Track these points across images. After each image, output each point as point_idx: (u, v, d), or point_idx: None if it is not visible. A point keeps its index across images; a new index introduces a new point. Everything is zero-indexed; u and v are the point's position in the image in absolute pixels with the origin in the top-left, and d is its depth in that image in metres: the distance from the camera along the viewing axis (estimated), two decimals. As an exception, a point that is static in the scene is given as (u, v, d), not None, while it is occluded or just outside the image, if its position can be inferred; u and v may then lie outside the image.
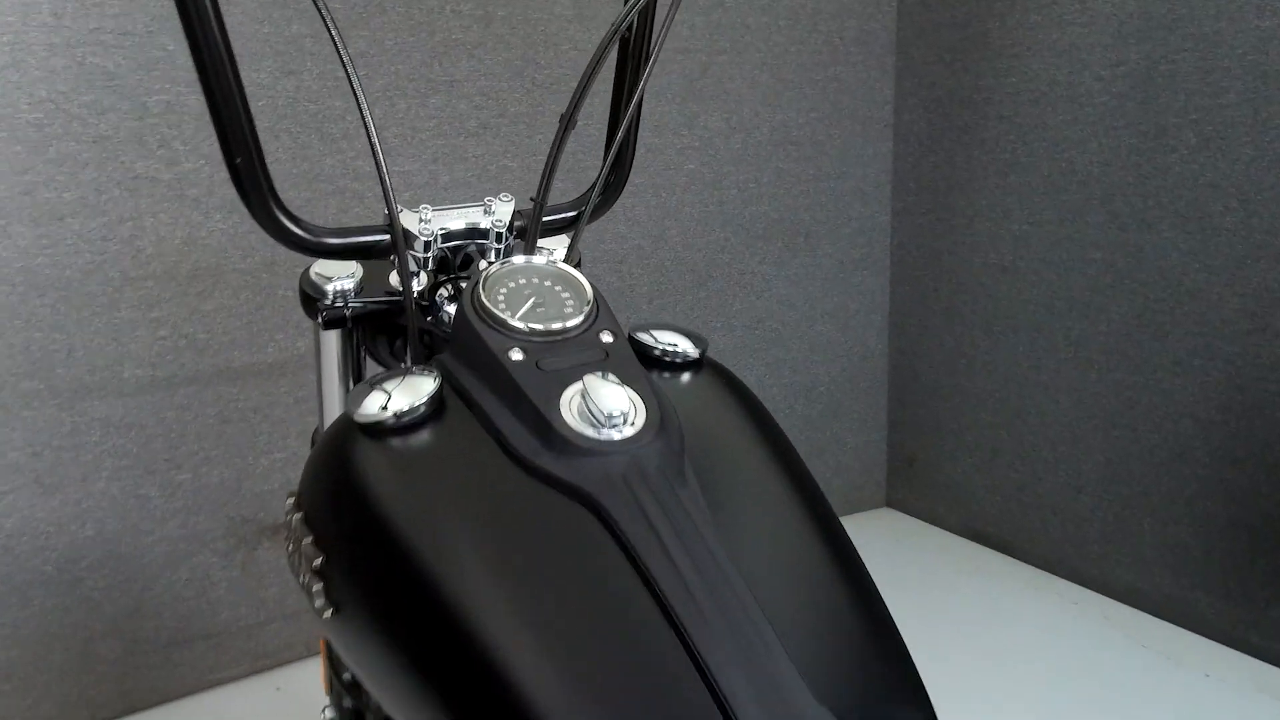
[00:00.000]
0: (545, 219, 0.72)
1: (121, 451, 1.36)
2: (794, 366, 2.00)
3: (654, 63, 0.69)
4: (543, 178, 0.69)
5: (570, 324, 0.57)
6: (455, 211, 0.69)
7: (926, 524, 2.09)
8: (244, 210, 0.63)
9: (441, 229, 0.67)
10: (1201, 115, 1.46)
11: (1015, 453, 1.85)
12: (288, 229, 0.63)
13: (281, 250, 0.69)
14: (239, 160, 0.60)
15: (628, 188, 0.82)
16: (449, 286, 0.69)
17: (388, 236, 0.66)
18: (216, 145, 0.61)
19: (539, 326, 0.56)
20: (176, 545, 1.42)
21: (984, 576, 1.86)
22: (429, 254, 0.67)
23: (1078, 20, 1.60)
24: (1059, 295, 1.71)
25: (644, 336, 0.62)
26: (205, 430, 1.41)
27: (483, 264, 0.68)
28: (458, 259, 0.71)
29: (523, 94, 1.58)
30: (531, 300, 0.58)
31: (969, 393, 1.92)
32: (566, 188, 0.79)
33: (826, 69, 1.90)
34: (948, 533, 2.04)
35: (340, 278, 0.68)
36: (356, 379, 0.74)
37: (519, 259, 0.62)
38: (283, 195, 0.64)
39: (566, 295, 0.60)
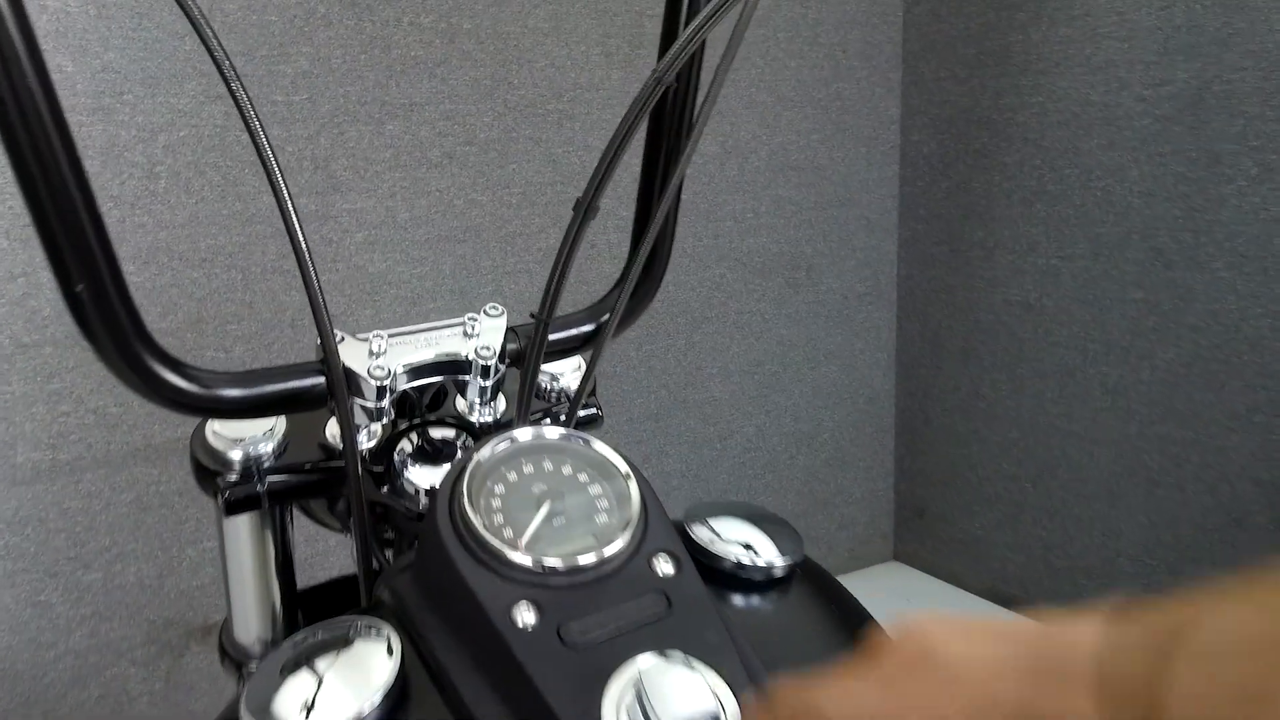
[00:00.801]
0: (552, 336, 0.51)
1: (16, 551, 1.14)
2: (795, 414, 1.81)
3: (699, 135, 0.48)
4: (549, 285, 0.49)
5: (609, 551, 0.36)
6: (423, 336, 0.49)
7: (940, 581, 1.92)
8: (163, 262, 0.41)
9: (403, 365, 0.47)
10: (1264, 142, 1.29)
11: (1043, 508, 1.67)
12: (166, 382, 0.42)
13: (211, 306, 0.49)
14: (79, 289, 0.39)
15: (610, 217, 0.61)
16: (413, 438, 0.49)
17: (320, 380, 0.45)
18: (124, 183, 0.40)
19: (559, 563, 0.36)
20: (85, 658, 1.19)
21: (1010, 645, 1.68)
22: (384, 403, 0.46)
23: (1115, 34, 1.43)
24: (1093, 337, 1.54)
25: (702, 533, 0.42)
26: (119, 521, 1.19)
27: (462, 447, 0.48)
28: (426, 397, 0.50)
29: (493, 118, 1.38)
30: (545, 509, 0.38)
31: (988, 441, 1.74)
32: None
33: (828, 85, 1.72)
34: (965, 591, 1.86)
35: (252, 439, 0.47)
36: (281, 567, 0.53)
37: (523, 434, 0.41)
38: (211, 241, 0.43)
39: (596, 491, 0.39)
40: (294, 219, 0.41)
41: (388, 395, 0.46)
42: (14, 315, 1.10)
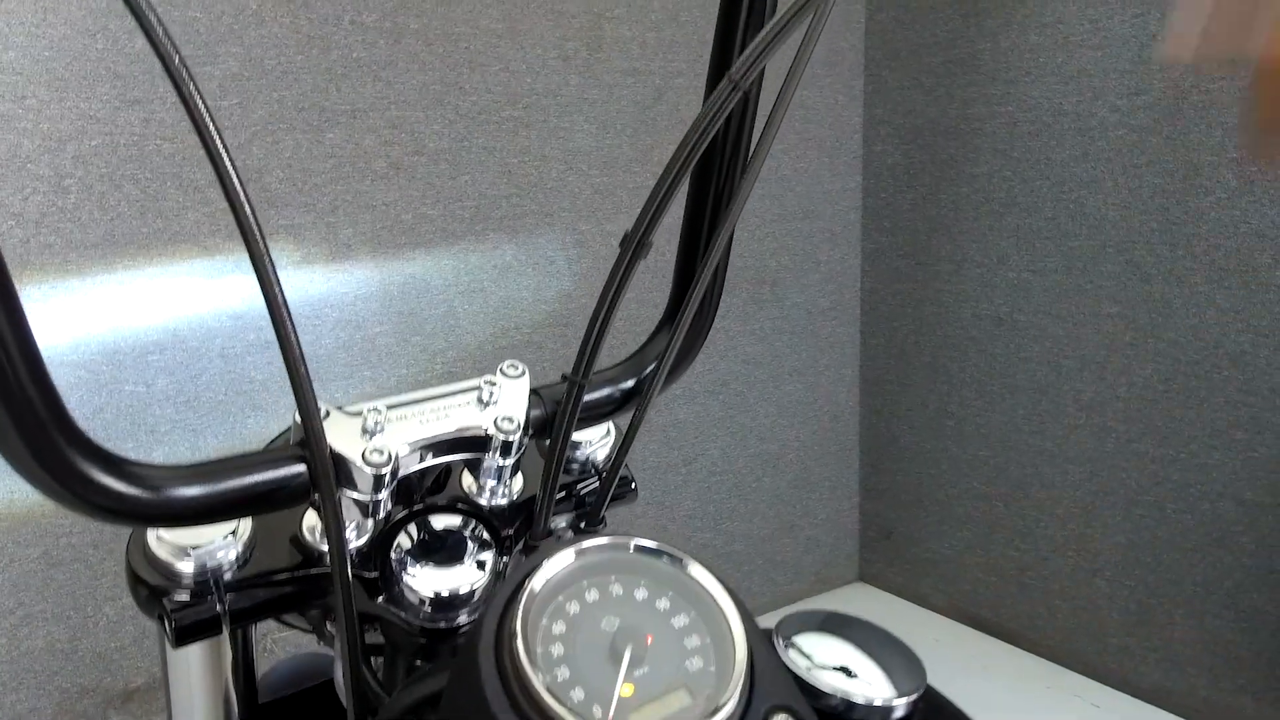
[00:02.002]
0: (585, 399, 0.42)
1: (-100, 619, 0.99)
2: (760, 434, 1.74)
3: (756, 174, 0.40)
4: (587, 340, 0.39)
5: (721, 714, 0.27)
6: (429, 406, 0.39)
7: (908, 602, 1.86)
8: (73, 286, 0.31)
9: (406, 447, 0.37)
10: (1243, 153, 1.27)
11: (1015, 529, 1.63)
12: (101, 487, 0.31)
13: (129, 335, 0.38)
14: None
15: (570, 231, 0.52)
16: (413, 530, 0.39)
17: (301, 470, 0.35)
18: (27, 198, 0.29)
19: None
20: (-13, 736, 1.05)
21: (984, 666, 1.64)
22: (381, 494, 0.36)
23: (1088, 42, 1.39)
24: (1067, 353, 1.50)
25: (797, 658, 0.33)
26: (24, 579, 1.05)
27: (472, 538, 0.38)
28: (429, 479, 0.41)
29: (443, 126, 1.28)
30: (627, 656, 0.28)
31: (958, 459, 1.70)
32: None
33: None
34: (934, 614, 1.81)
35: (208, 545, 0.37)
36: (244, 693, 0.43)
37: (596, 548, 0.31)
38: (129, 261, 0.33)
39: (683, 622, 0.29)
40: (270, 271, 0.31)
41: (385, 486, 0.36)
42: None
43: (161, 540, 0.37)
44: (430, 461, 0.38)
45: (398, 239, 1.26)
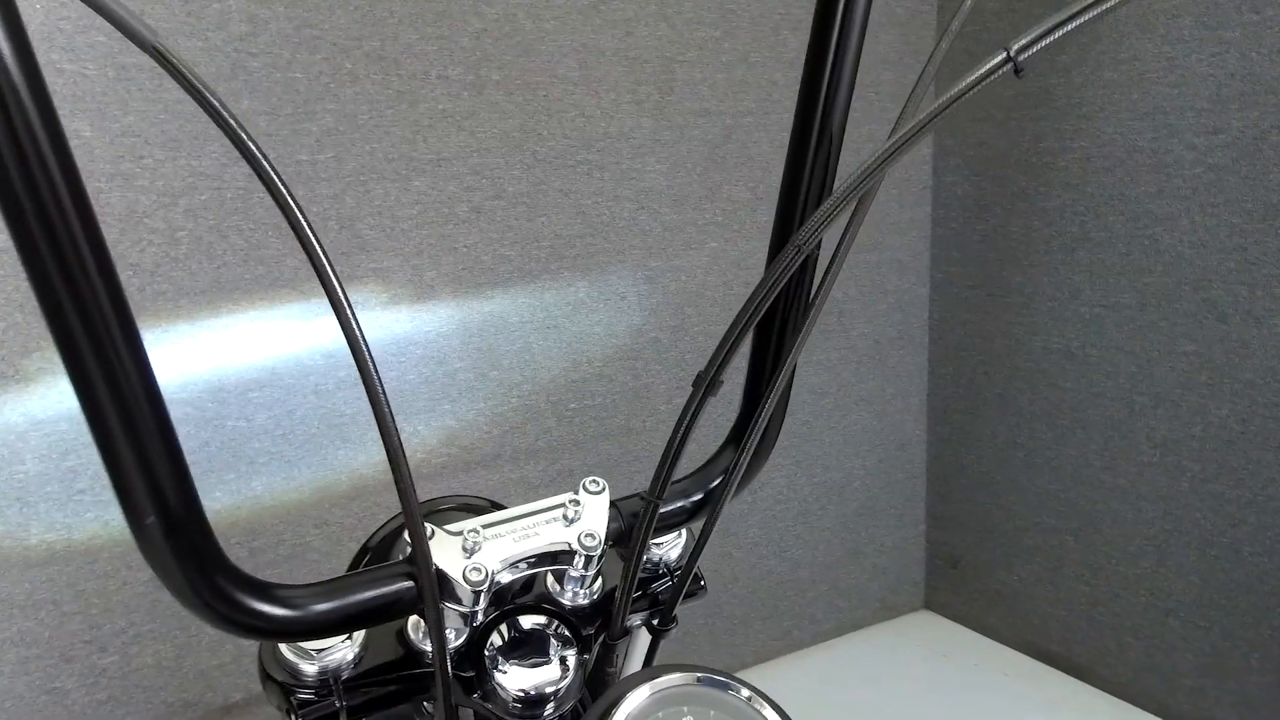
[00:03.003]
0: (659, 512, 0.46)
1: (30, 636, 1.08)
2: (826, 463, 1.76)
3: (817, 316, 0.44)
4: (662, 465, 0.43)
5: None
6: (519, 524, 0.44)
7: (974, 632, 1.86)
8: (182, 330, 0.36)
9: (500, 563, 0.42)
10: (1325, 195, 1.25)
11: (1085, 563, 1.62)
12: (252, 611, 0.38)
13: (232, 374, 0.43)
14: (149, 521, 0.34)
15: (640, 269, 0.57)
16: (503, 630, 0.44)
17: (410, 585, 0.40)
18: (144, 250, 0.34)
19: None
20: (101, 745, 1.14)
21: (1051, 700, 1.63)
22: (478, 606, 0.41)
23: (1164, 80, 1.38)
24: (1140, 390, 1.49)
25: None
26: (135, 601, 1.14)
27: (555, 636, 0.43)
28: (516, 585, 0.45)
29: (522, 171, 1.33)
30: None
31: (1027, 491, 1.69)
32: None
33: (860, 127, 1.67)
34: (1001, 645, 1.81)
35: (329, 650, 0.42)
36: None
37: (673, 681, 0.35)
38: (233, 305, 0.38)
39: None
40: (383, 397, 0.36)
41: (483, 598, 0.41)
42: (29, 391, 1.05)
43: (289, 648, 0.43)
44: (521, 574, 0.43)
45: (478, 279, 1.32)
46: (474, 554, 0.41)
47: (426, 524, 0.40)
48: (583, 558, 0.43)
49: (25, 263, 0.31)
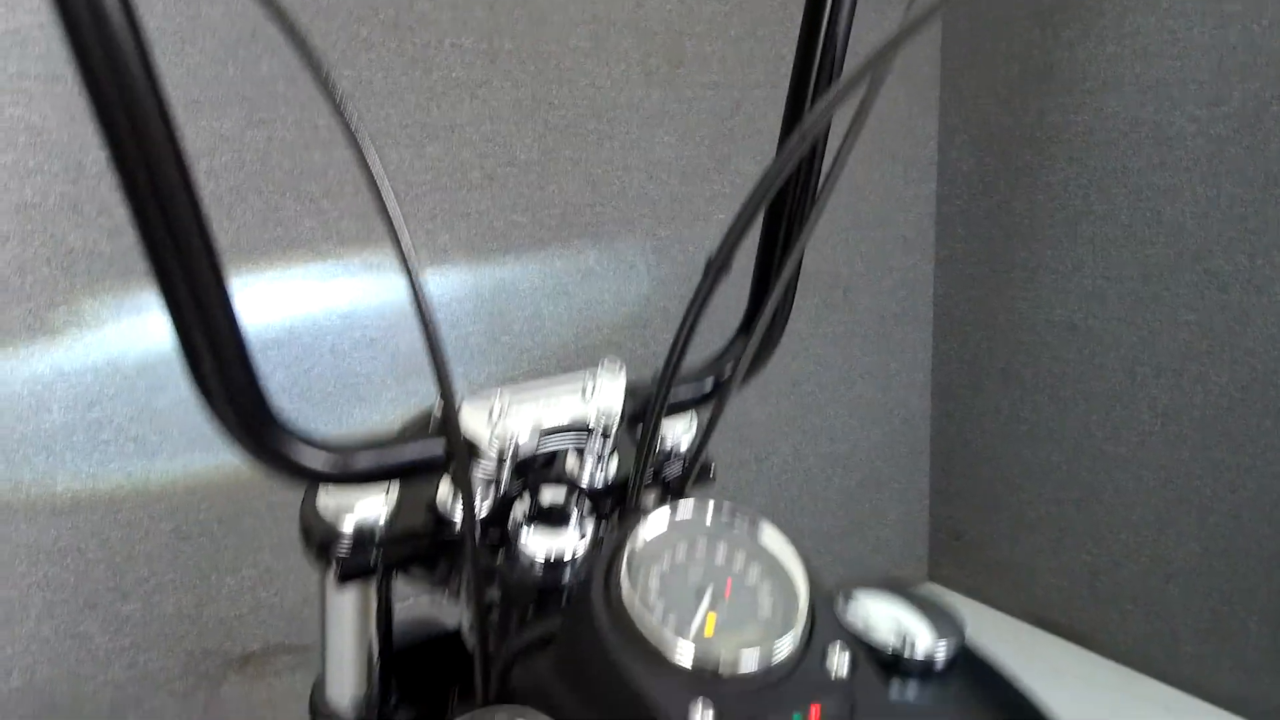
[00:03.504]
0: (671, 396, 0.49)
1: (55, 582, 1.12)
2: (832, 434, 1.78)
3: (824, 205, 0.47)
4: (674, 347, 0.46)
5: (783, 648, 0.33)
6: (542, 394, 0.47)
7: (978, 603, 1.88)
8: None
9: (525, 428, 0.45)
10: (1325, 163, 1.27)
11: (1087, 533, 1.64)
12: (288, 454, 0.41)
13: (250, 338, 0.47)
14: (206, 364, 0.37)
15: (649, 238, 0.59)
16: (526, 502, 0.47)
17: (442, 443, 0.43)
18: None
19: (731, 662, 0.33)
20: (124, 690, 1.17)
21: (1055, 669, 1.65)
22: (504, 470, 0.44)
23: (1167, 53, 1.40)
24: (1143, 360, 1.51)
25: (853, 617, 0.40)
26: (158, 550, 1.17)
27: (576, 509, 0.45)
28: (538, 460, 0.48)
29: (534, 139, 1.36)
30: (707, 599, 0.35)
31: (1030, 464, 1.71)
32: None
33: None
34: (1005, 615, 1.83)
35: (366, 505, 0.46)
36: (383, 637, 0.51)
37: (685, 510, 0.38)
38: (251, 265, 0.41)
39: (757, 576, 0.36)
40: (420, 284, 0.39)
41: (508, 461, 0.44)
42: (56, 343, 1.08)
43: (329, 502, 0.46)
44: (542, 445, 0.46)
45: (490, 245, 1.35)
46: (500, 421, 0.44)
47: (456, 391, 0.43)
48: (600, 429, 0.46)
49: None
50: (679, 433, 0.54)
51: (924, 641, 0.38)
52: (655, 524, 0.37)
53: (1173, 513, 1.50)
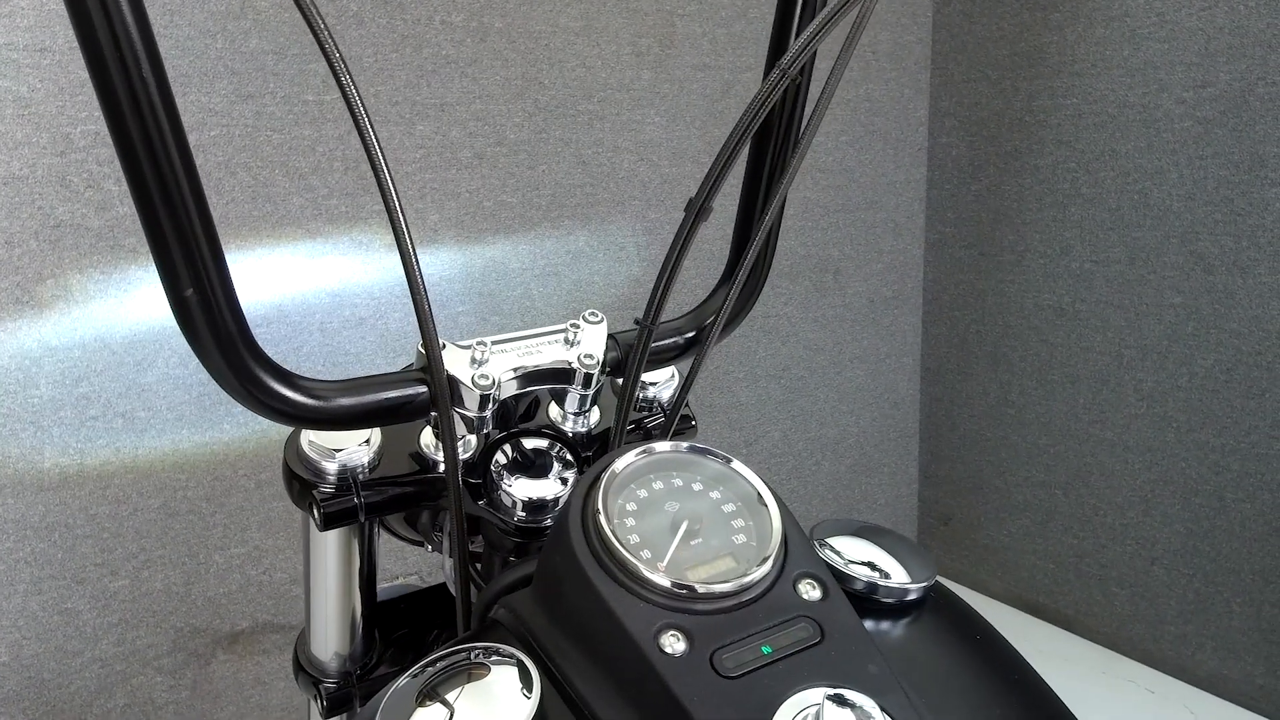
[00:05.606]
0: (653, 344, 0.49)
1: (43, 558, 1.12)
2: (821, 419, 1.79)
3: (809, 143, 0.47)
4: (655, 291, 0.46)
5: (754, 574, 0.34)
6: (524, 343, 0.47)
7: (966, 589, 1.89)
8: None
9: (507, 374, 0.45)
10: (1310, 145, 1.27)
11: (1074, 516, 1.65)
12: (274, 393, 0.41)
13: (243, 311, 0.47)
14: (189, 292, 0.37)
15: (639, 220, 0.59)
16: (508, 449, 0.47)
17: (423, 389, 0.43)
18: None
19: (703, 586, 0.33)
20: (111, 666, 1.17)
21: (1040, 651, 1.66)
22: (486, 412, 0.44)
23: (1155, 35, 1.41)
24: (1129, 343, 1.52)
25: (830, 553, 0.40)
26: (146, 527, 1.17)
27: (557, 458, 0.46)
28: (522, 406, 0.48)
29: (523, 118, 1.36)
30: (683, 528, 0.35)
31: (1018, 447, 1.72)
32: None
33: (858, 87, 1.70)
34: (993, 600, 1.84)
35: (348, 449, 0.46)
36: (365, 581, 0.51)
37: (662, 447, 0.39)
38: (241, 241, 0.41)
39: (731, 510, 0.37)
40: (403, 223, 0.39)
41: (490, 405, 0.44)
42: (44, 317, 1.08)
43: (312, 445, 0.46)
44: (525, 390, 0.46)
45: (480, 224, 1.35)
46: (482, 365, 0.44)
47: (439, 338, 0.43)
48: (582, 376, 0.46)
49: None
50: (661, 385, 0.54)
51: (896, 578, 0.39)
52: (633, 457, 0.37)
53: (1158, 494, 1.52)
